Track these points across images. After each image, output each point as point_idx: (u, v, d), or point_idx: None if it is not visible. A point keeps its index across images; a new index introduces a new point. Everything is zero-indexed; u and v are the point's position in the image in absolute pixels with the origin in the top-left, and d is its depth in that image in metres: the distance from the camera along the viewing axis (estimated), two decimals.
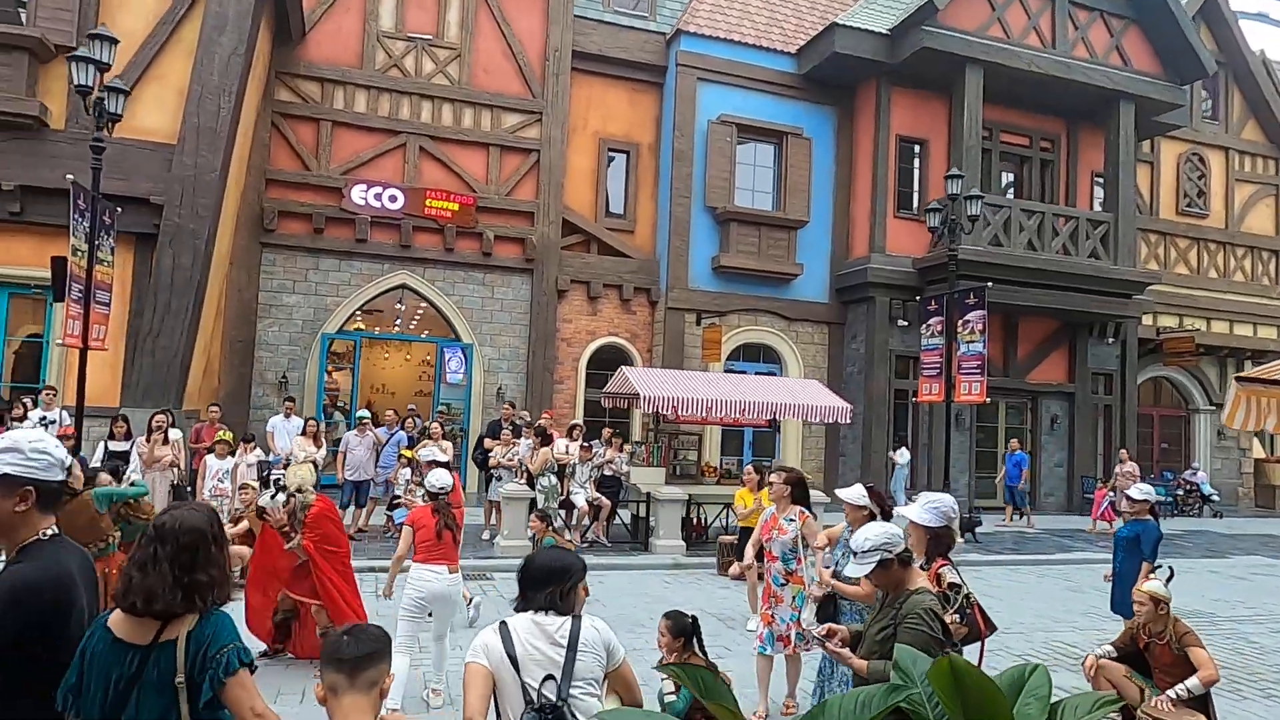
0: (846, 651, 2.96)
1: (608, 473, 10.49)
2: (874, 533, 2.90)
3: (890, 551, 2.91)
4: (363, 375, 19.76)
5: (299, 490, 5.59)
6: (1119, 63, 16.90)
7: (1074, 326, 17.33)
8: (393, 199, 14.63)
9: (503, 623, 2.50)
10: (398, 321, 16.98)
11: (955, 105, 16.05)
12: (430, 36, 15.19)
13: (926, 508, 3.85)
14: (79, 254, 8.55)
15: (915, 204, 16.37)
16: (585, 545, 10.27)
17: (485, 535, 10.73)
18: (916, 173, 16.76)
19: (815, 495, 7.49)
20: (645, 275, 16.27)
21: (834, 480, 15.14)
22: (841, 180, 17.04)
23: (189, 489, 8.79)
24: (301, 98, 14.52)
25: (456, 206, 15.01)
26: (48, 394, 10.03)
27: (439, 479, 5.31)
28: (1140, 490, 6.33)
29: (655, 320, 16.36)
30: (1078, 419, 17.31)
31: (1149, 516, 6.24)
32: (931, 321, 12.77)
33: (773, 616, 5.38)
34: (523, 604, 2.54)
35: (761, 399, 10.67)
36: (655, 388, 10.35)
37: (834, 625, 3.26)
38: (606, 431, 11.33)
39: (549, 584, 2.50)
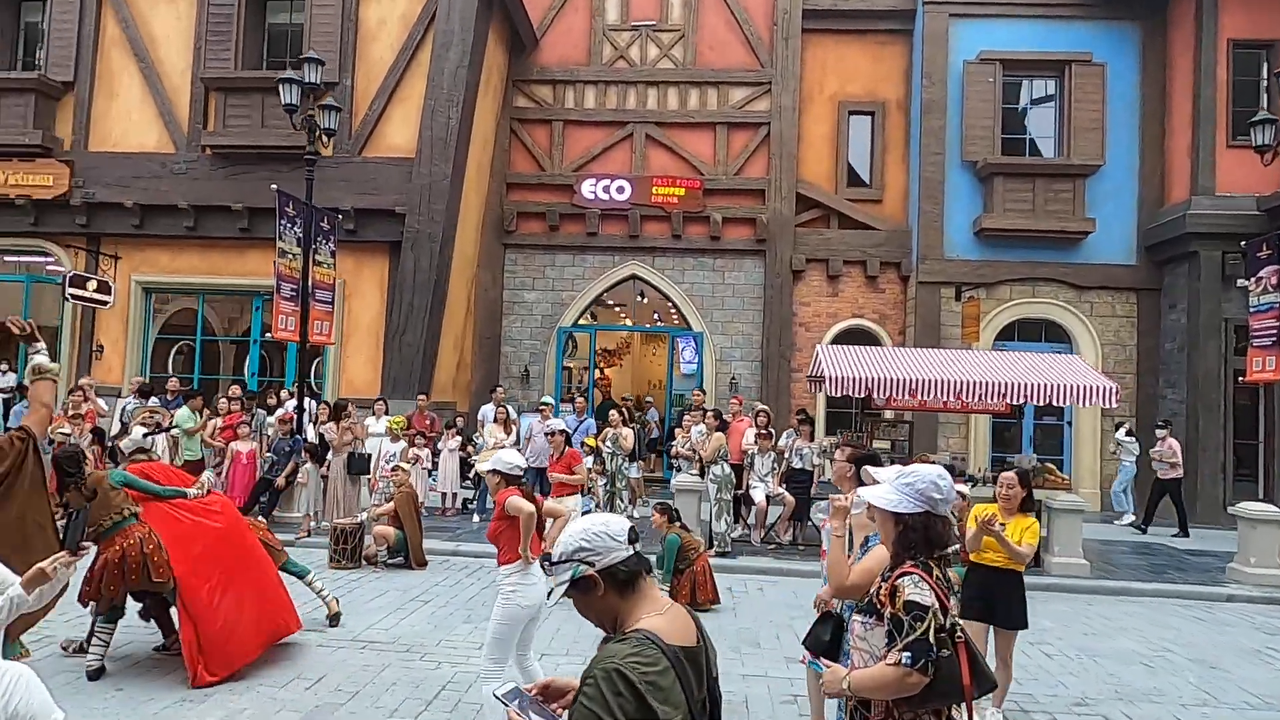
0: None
1: (796, 465, 9.23)
2: (573, 532, 1.75)
3: (589, 562, 1.71)
4: (633, 370, 20.36)
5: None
6: None
7: None
8: (620, 190, 14.63)
9: None
10: (623, 310, 16.97)
11: None
12: (654, 22, 14.98)
13: (896, 484, 2.50)
14: (287, 256, 9.54)
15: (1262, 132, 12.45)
16: (771, 547, 9.16)
17: None
18: (1263, 86, 12.78)
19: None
20: (894, 248, 14.43)
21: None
22: (1149, 110, 13.61)
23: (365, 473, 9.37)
24: (536, 102, 15.14)
25: (683, 191, 14.59)
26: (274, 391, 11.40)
27: (512, 458, 4.48)
28: None
29: (907, 298, 14.43)
30: None
31: None
32: (1264, 273, 9.51)
33: None
34: None
35: (987, 379, 8.66)
36: (845, 367, 8.89)
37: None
38: (794, 418, 10.04)
39: None
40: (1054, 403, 8.77)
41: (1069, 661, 6.14)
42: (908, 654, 2.25)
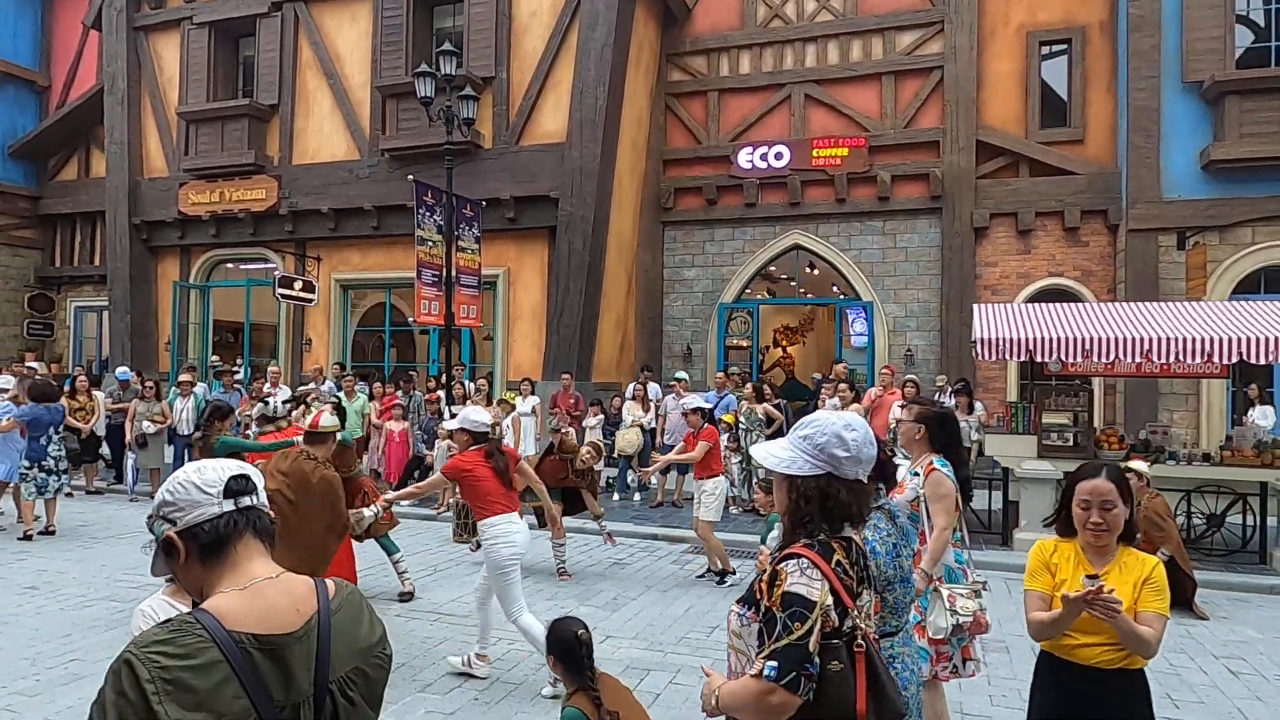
0: None
1: None
2: (167, 481, 1.40)
3: (171, 519, 1.35)
4: (818, 346, 19.45)
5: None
6: None
7: None
8: (779, 156, 13.92)
9: None
10: (794, 283, 16.07)
11: None
12: None
13: (791, 438, 1.94)
14: (427, 244, 9.96)
15: None
16: None
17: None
18: None
19: None
20: (1098, 194, 12.47)
21: None
22: None
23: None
24: (690, 74, 14.78)
25: (846, 151, 13.59)
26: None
27: (477, 415, 4.67)
28: None
29: (1116, 250, 12.41)
30: None
31: None
32: None
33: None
34: None
35: (1188, 334, 7.08)
36: (1001, 328, 7.69)
37: None
38: (948, 388, 8.86)
39: None
40: (1245, 357, 7.03)
41: (1262, 684, 4.85)
42: (773, 664, 1.69)
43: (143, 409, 10.54)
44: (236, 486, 1.38)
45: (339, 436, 5.20)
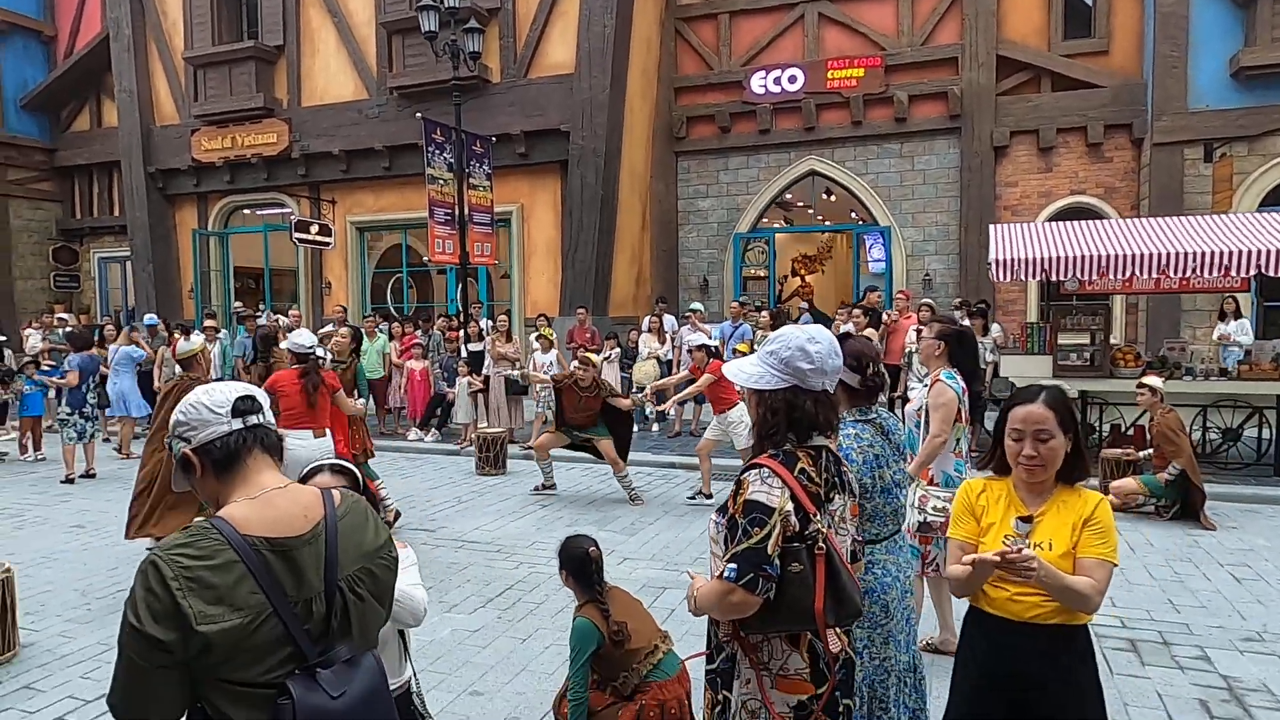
0: None
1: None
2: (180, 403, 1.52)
3: (186, 438, 1.50)
4: (836, 275, 19.30)
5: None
6: None
7: None
8: (792, 80, 13.60)
9: None
10: (811, 210, 15.91)
11: None
12: None
13: (759, 354, 2.02)
14: (438, 183, 9.95)
15: None
16: None
17: None
18: None
19: None
20: (1122, 107, 12.10)
21: None
22: None
23: (522, 378, 9.64)
24: None
25: (861, 72, 13.25)
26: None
27: (301, 338, 5.49)
28: None
29: (1140, 165, 12.11)
30: None
31: None
32: None
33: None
34: None
35: (1208, 248, 6.96)
36: (1015, 247, 7.61)
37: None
38: (964, 308, 8.82)
39: None
40: (1263, 269, 6.92)
41: (1265, 589, 4.94)
42: (733, 566, 1.80)
43: (169, 356, 10.79)
44: (243, 406, 1.49)
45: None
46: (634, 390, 10.22)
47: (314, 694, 1.38)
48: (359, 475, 2.23)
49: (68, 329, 9.60)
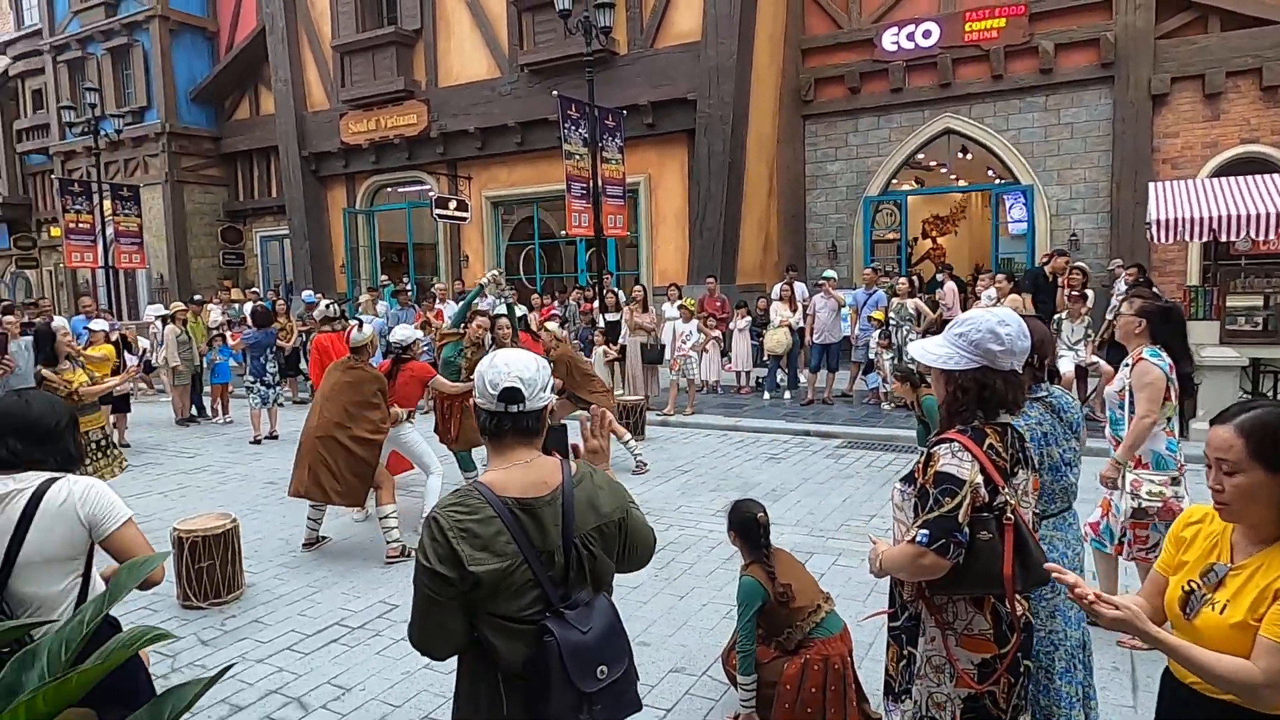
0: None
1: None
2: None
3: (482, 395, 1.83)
4: (970, 236, 18.58)
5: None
6: None
7: None
8: (926, 35, 13.12)
9: None
10: (942, 169, 15.30)
11: None
12: None
13: (948, 335, 2.13)
14: (574, 158, 10.26)
15: None
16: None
17: None
18: None
19: None
20: None
21: None
22: None
23: (662, 348, 9.91)
24: None
25: (1003, 22, 12.62)
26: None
27: (404, 333, 5.89)
28: None
29: None
30: None
31: None
32: None
33: (1110, 502, 3.92)
34: None
35: None
36: (1177, 207, 7.18)
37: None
38: (1124, 272, 8.35)
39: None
40: None
41: None
42: (924, 531, 1.97)
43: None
44: (508, 396, 1.77)
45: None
46: (765, 356, 10.34)
47: (569, 630, 1.70)
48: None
49: (255, 305, 10.65)
